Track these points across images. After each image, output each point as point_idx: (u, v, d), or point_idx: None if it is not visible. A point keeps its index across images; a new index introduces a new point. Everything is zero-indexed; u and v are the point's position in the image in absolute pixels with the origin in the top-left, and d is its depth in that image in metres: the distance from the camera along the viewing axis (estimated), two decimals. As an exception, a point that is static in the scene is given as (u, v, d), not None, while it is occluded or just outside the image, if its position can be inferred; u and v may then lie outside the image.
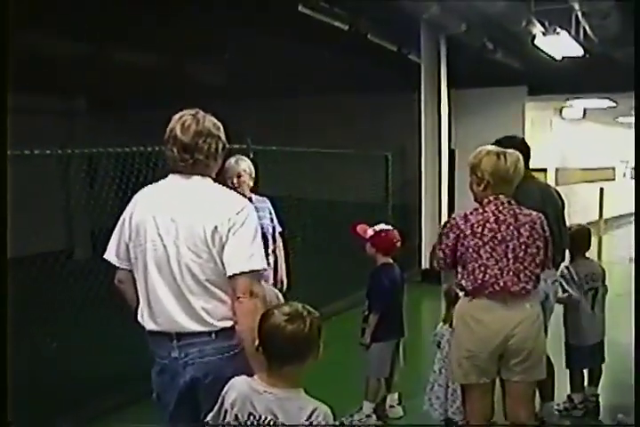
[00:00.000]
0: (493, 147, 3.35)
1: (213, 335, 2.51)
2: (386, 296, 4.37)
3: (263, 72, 9.10)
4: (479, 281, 3.19)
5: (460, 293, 3.40)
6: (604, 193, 13.17)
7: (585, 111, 13.20)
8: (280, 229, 5.13)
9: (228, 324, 2.50)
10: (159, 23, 7.48)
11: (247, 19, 7.53)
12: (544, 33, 7.45)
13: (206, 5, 6.93)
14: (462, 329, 3.32)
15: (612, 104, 11.64)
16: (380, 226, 4.50)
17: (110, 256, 2.68)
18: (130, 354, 3.75)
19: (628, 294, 3.82)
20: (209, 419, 2.36)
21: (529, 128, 10.47)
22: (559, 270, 4.29)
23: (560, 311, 4.48)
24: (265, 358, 2.27)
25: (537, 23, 7.37)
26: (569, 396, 4.58)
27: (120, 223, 2.67)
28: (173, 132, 2.55)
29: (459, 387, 3.74)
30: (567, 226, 4.21)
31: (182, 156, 2.55)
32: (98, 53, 8.75)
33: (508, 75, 9.73)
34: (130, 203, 2.68)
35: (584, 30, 7.57)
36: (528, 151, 3.97)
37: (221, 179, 2.92)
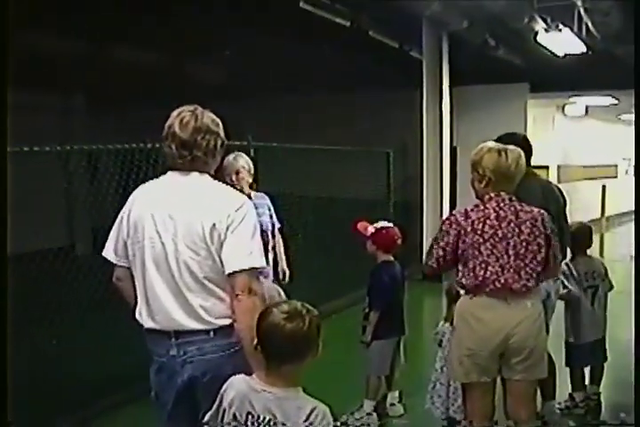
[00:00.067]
0: (495, 144, 3.32)
1: (212, 333, 2.49)
2: (386, 294, 4.35)
3: (264, 70, 9.06)
4: (480, 278, 3.17)
5: (461, 291, 3.38)
6: (606, 190, 13.15)
7: (587, 108, 13.15)
8: (279, 225, 5.12)
9: (227, 322, 2.48)
10: (159, 22, 7.46)
11: (247, 17, 7.50)
12: (546, 30, 7.43)
13: (206, 3, 6.92)
14: (463, 327, 3.29)
15: (615, 101, 11.60)
16: (381, 223, 4.48)
17: (108, 253, 2.66)
18: (130, 353, 3.73)
19: (629, 292, 3.80)
20: (207, 418, 2.34)
21: (531, 125, 10.43)
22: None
23: (562, 310, 4.47)
24: (263, 356, 2.25)
25: (539, 20, 7.36)
26: (570, 394, 4.57)
27: (118, 220, 2.65)
28: (172, 128, 2.53)
29: (460, 385, 3.72)
30: (569, 223, 4.19)
31: (181, 152, 2.52)
32: (98, 52, 8.73)
33: (510, 72, 9.69)
34: (128, 200, 2.66)
35: (586, 27, 7.54)
36: (530, 148, 3.94)
37: (220, 176, 2.89)
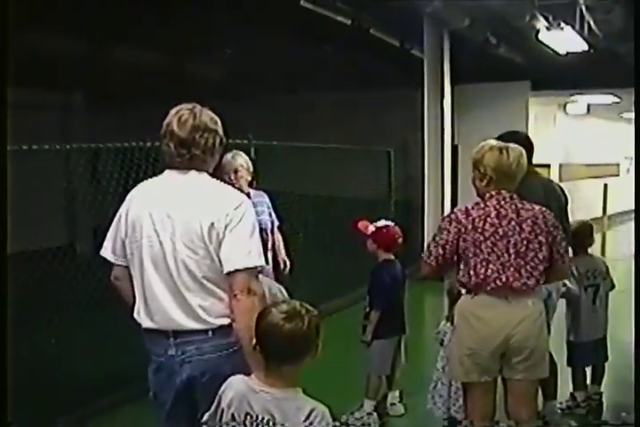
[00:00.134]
0: (496, 142, 3.30)
1: (210, 333, 2.48)
2: (387, 293, 4.33)
3: (265, 69, 9.05)
4: (481, 277, 3.14)
5: (462, 290, 3.36)
6: (608, 189, 13.15)
7: (589, 107, 13.13)
8: (278, 223, 5.11)
9: (226, 321, 2.46)
10: (159, 22, 7.44)
11: (247, 16, 7.48)
12: (548, 28, 7.41)
13: (206, 2, 6.90)
14: (463, 327, 3.27)
15: (616, 100, 11.57)
16: (382, 222, 4.46)
17: (106, 253, 2.65)
18: (129, 352, 3.71)
19: (631, 291, 3.77)
20: (206, 418, 2.32)
21: (532, 124, 10.40)
22: None
23: (564, 309, 4.45)
24: (262, 356, 2.23)
25: (541, 18, 7.33)
26: (572, 394, 4.55)
27: (116, 219, 2.63)
28: (170, 126, 2.51)
29: (461, 385, 3.70)
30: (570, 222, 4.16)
31: (179, 151, 2.50)
32: (98, 51, 8.73)
33: (512, 70, 9.66)
34: (126, 199, 2.64)
35: (588, 25, 7.50)
36: (531, 147, 3.92)
37: (219, 174, 2.87)
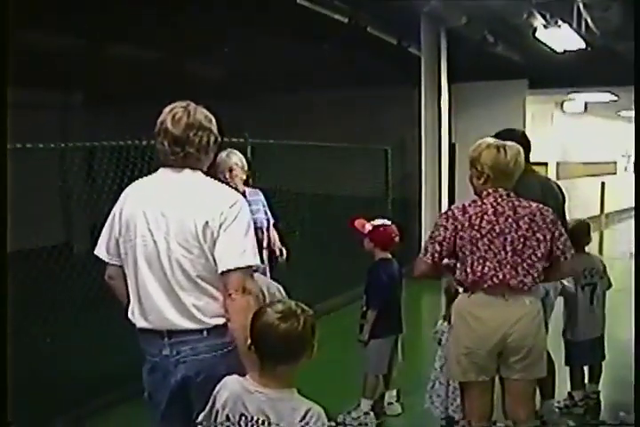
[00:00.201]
0: (493, 140, 3.28)
1: (205, 333, 2.46)
2: (384, 292, 4.31)
3: (262, 68, 9.02)
4: (478, 274, 3.13)
5: (460, 289, 3.34)
6: (606, 187, 13.14)
7: (586, 105, 13.12)
8: (273, 220, 5.09)
9: (221, 321, 2.44)
10: (158, 21, 7.42)
11: (246, 15, 7.46)
12: (545, 25, 7.40)
13: (206, 2, 6.88)
14: (460, 326, 3.25)
15: (614, 98, 11.56)
16: (379, 221, 4.44)
17: (100, 252, 2.63)
18: (124, 352, 3.69)
19: (629, 290, 3.76)
20: (200, 419, 2.30)
21: (530, 122, 10.39)
22: None
23: (561, 308, 4.43)
24: (257, 357, 2.21)
25: (538, 16, 7.32)
26: (569, 393, 4.54)
27: (110, 218, 2.61)
28: (164, 124, 2.48)
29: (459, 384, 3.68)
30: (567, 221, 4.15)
31: (173, 149, 2.48)
32: (98, 51, 8.69)
33: (509, 68, 9.65)
34: (120, 197, 2.62)
35: (585, 23, 7.50)
36: (528, 144, 3.90)
37: (213, 173, 2.85)
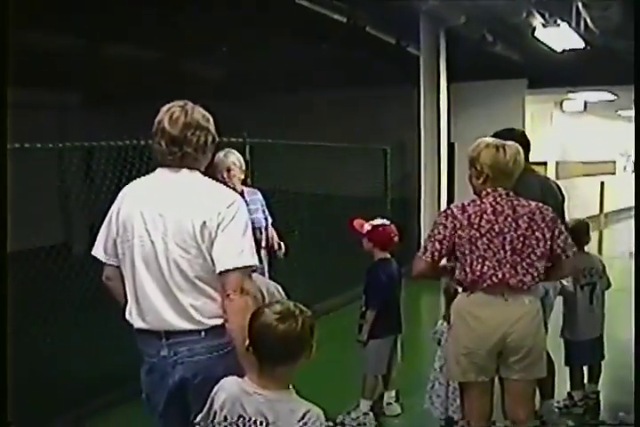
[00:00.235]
0: (493, 139, 3.27)
1: (203, 334, 2.44)
2: (383, 292, 4.30)
3: (261, 68, 9.01)
4: (477, 273, 3.12)
5: (459, 288, 3.33)
6: (605, 187, 13.13)
7: (585, 104, 13.12)
8: (271, 219, 5.08)
9: (219, 322, 2.43)
10: (158, 21, 7.40)
11: (245, 15, 7.44)
12: (544, 25, 7.39)
13: (206, 2, 6.87)
14: (460, 326, 3.24)
15: (613, 97, 11.56)
16: (377, 220, 4.43)
17: (98, 252, 2.61)
18: (124, 352, 3.68)
19: (628, 289, 3.75)
20: (198, 420, 2.29)
21: (529, 121, 10.39)
22: None
23: (560, 307, 4.42)
24: (256, 358, 2.20)
25: (537, 15, 7.31)
26: (569, 393, 4.53)
27: (107, 218, 2.59)
28: (161, 124, 2.47)
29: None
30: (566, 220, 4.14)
31: (170, 149, 2.47)
32: (98, 50, 8.69)
33: (508, 67, 9.64)
34: (117, 197, 2.61)
35: (585, 22, 7.50)
36: (528, 144, 3.90)
37: (211, 173, 2.83)
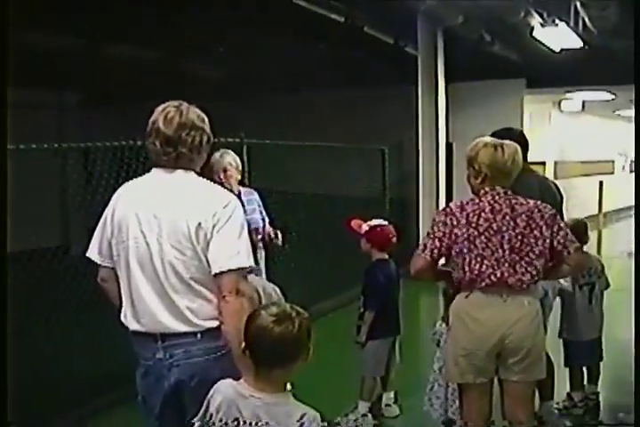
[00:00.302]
0: (491, 139, 3.25)
1: (199, 336, 2.42)
2: (381, 293, 4.28)
3: (259, 68, 8.99)
4: (475, 273, 3.09)
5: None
6: (604, 186, 13.10)
7: (584, 104, 13.12)
8: (268, 219, 5.06)
9: (214, 324, 2.40)
10: (158, 21, 7.39)
11: (245, 15, 7.43)
12: (542, 24, 7.38)
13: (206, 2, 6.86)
14: (458, 327, 3.22)
15: (612, 97, 11.56)
16: (375, 221, 4.41)
17: (92, 254, 2.59)
18: (126, 351, 3.67)
19: (627, 289, 3.73)
20: (194, 422, 2.27)
21: (527, 121, 10.36)
22: None
23: (559, 308, 4.40)
24: (252, 360, 2.17)
25: (535, 14, 7.29)
26: (568, 394, 4.50)
27: (102, 220, 2.57)
28: (156, 124, 2.44)
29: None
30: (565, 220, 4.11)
31: (165, 149, 2.44)
32: (97, 50, 8.67)
33: (506, 67, 9.62)
34: (112, 198, 2.58)
35: (583, 22, 7.49)
36: (526, 144, 3.88)
37: (207, 173, 2.81)
